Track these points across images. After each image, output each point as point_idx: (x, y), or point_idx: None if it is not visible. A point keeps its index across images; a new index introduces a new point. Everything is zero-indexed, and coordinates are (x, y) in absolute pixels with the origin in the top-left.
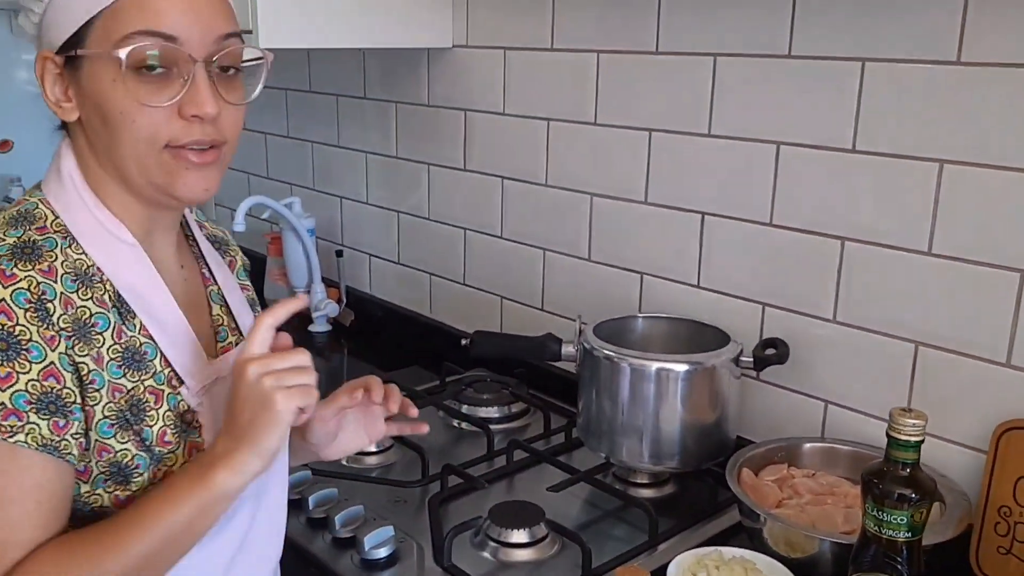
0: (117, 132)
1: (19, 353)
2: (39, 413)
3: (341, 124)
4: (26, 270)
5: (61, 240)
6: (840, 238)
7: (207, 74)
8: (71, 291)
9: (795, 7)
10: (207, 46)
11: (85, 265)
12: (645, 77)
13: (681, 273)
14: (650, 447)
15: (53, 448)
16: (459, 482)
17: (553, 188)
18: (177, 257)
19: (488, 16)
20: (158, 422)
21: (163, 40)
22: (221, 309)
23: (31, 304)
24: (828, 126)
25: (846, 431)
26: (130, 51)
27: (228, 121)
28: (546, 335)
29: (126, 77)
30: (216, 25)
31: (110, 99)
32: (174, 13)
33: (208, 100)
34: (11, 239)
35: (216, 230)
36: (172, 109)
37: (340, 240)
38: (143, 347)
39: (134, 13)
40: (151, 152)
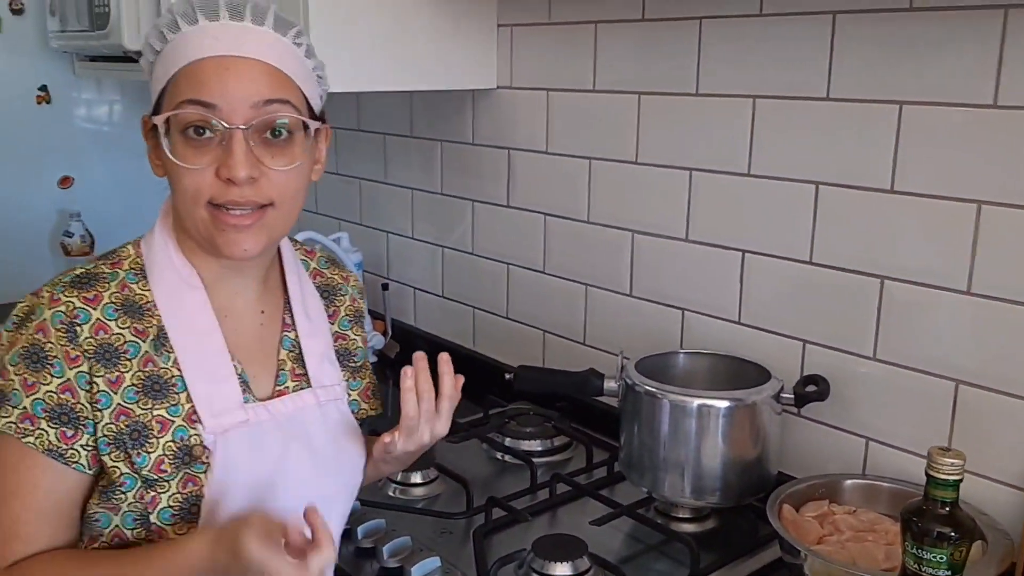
0: (174, 190)
1: (44, 366)
2: (50, 422)
3: (388, 161)
4: (70, 296)
5: (128, 275)
6: (880, 276)
7: (244, 140)
8: (109, 319)
9: (832, 50)
10: (244, 113)
11: (143, 300)
12: (685, 118)
13: (722, 309)
14: (692, 482)
15: (58, 455)
16: (503, 514)
17: (595, 225)
18: (259, 302)
19: (531, 59)
20: (157, 450)
21: (203, 108)
22: (289, 355)
23: (63, 326)
24: (866, 167)
25: (887, 468)
26: (169, 116)
27: (272, 184)
28: (588, 370)
29: (175, 141)
30: (256, 92)
31: (167, 160)
32: (212, 83)
33: (240, 164)
34: (81, 269)
35: (336, 277)
36: (211, 170)
37: (386, 274)
38: (172, 379)
39: (184, 85)
40: (196, 209)
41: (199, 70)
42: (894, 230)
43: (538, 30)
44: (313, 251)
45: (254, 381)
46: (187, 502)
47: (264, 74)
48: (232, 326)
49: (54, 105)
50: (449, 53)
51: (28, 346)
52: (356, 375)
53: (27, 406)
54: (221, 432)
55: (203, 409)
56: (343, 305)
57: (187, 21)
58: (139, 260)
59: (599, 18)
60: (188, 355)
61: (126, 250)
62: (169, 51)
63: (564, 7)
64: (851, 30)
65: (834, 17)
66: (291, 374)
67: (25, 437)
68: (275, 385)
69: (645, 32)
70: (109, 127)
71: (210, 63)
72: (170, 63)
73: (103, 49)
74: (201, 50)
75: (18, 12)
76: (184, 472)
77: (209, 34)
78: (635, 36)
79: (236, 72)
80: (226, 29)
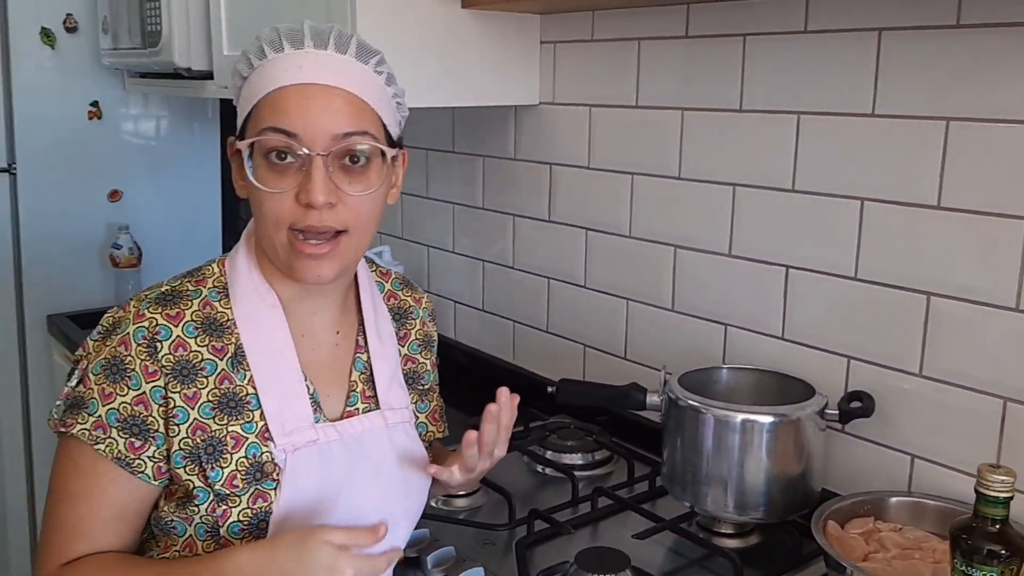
0: (256, 213)
1: (123, 378)
2: (121, 432)
3: (430, 176)
4: (154, 312)
5: (212, 293)
6: (926, 293)
7: (323, 166)
8: (189, 336)
9: (878, 67)
10: (324, 142)
11: (224, 317)
12: (729, 133)
13: (765, 325)
14: (735, 497)
15: (126, 463)
16: (545, 527)
17: (637, 239)
18: (335, 323)
19: (574, 75)
20: (230, 466)
21: (285, 136)
22: (360, 376)
23: (145, 341)
24: (913, 183)
25: (933, 486)
26: (255, 141)
27: (347, 210)
28: (631, 384)
29: (258, 166)
30: (336, 124)
31: (250, 183)
32: (294, 112)
33: (318, 190)
34: (167, 287)
35: (409, 299)
36: (291, 195)
37: (427, 287)
38: (247, 397)
39: (267, 112)
40: (277, 232)
41: (282, 98)
42: (941, 246)
43: (581, 47)
44: (389, 272)
45: (326, 401)
46: (256, 518)
47: (345, 104)
48: (308, 345)
49: (105, 120)
50: (493, 70)
51: (110, 358)
52: (424, 398)
53: (102, 415)
54: (291, 450)
55: (275, 427)
56: (414, 328)
57: (273, 49)
58: (223, 279)
59: (642, 35)
60: (263, 373)
61: (211, 268)
62: (255, 78)
63: (607, 24)
64: (897, 46)
65: (880, 34)
66: (362, 396)
67: (96, 444)
68: (346, 406)
69: (689, 48)
70: (156, 142)
71: (293, 91)
72: (255, 90)
73: (153, 66)
74: (285, 78)
75: (72, 30)
76: (255, 488)
77: (293, 62)
78: (679, 53)
79: (318, 102)
80: (310, 57)
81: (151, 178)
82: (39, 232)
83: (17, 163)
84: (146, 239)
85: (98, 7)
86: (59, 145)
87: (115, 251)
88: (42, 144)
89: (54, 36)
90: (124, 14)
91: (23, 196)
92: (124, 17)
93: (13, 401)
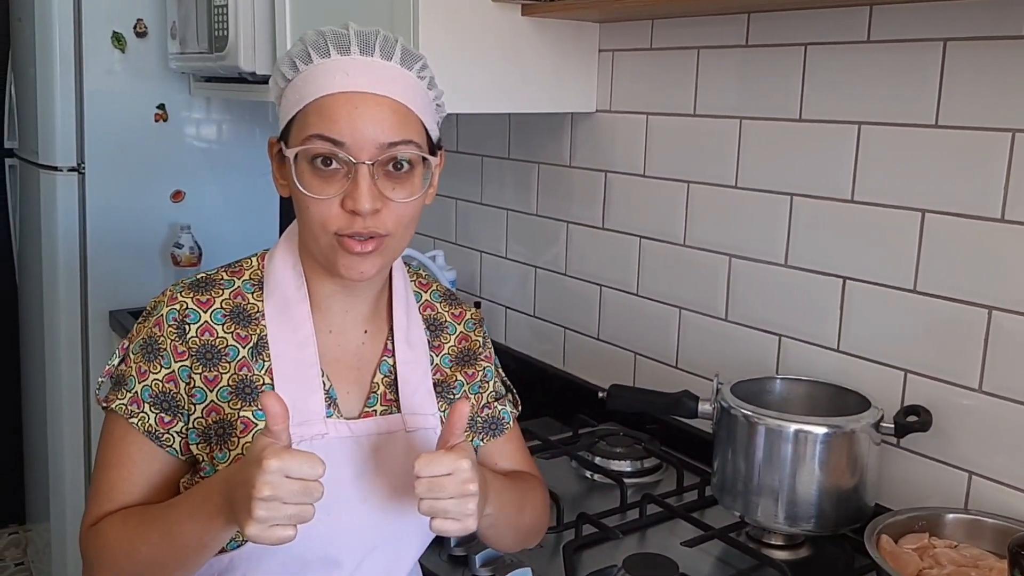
0: (300, 215)
1: (156, 357)
2: (153, 407)
3: (484, 182)
4: (186, 297)
5: (246, 285)
6: (987, 307)
7: (369, 174)
8: (217, 323)
9: (943, 77)
10: (370, 151)
11: (254, 309)
12: (787, 143)
13: (820, 336)
14: (786, 509)
15: (155, 436)
16: (593, 531)
17: (691, 248)
18: (365, 322)
19: (631, 84)
20: (236, 449)
21: (332, 144)
22: (384, 380)
23: (175, 323)
24: (976, 195)
25: (991, 504)
26: (301, 150)
27: (390, 215)
28: (683, 392)
29: (303, 172)
30: (382, 133)
31: (296, 188)
32: (342, 121)
33: (364, 197)
34: (203, 275)
35: (446, 314)
36: (337, 201)
37: (479, 292)
38: (262, 386)
39: (314, 119)
40: (322, 236)
41: (329, 106)
42: (1004, 260)
43: (639, 55)
44: (429, 283)
45: (344, 398)
46: None
47: (392, 113)
48: (334, 342)
49: (170, 123)
50: (551, 77)
51: (147, 338)
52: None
53: (137, 391)
54: (298, 441)
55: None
56: (447, 343)
57: (319, 54)
58: (259, 272)
59: (701, 44)
60: (282, 364)
61: (249, 262)
62: (300, 82)
63: (666, 33)
64: (962, 57)
65: (944, 45)
66: (382, 398)
67: (131, 418)
68: (364, 406)
69: (748, 57)
70: (218, 145)
71: (340, 99)
72: (301, 94)
73: (219, 70)
74: (332, 85)
75: (142, 35)
76: None
77: (340, 69)
78: (738, 61)
79: (365, 111)
80: (357, 64)
81: (213, 179)
82: (104, 230)
83: (86, 163)
84: (206, 239)
85: (168, 13)
86: (126, 146)
87: (176, 250)
88: (110, 145)
89: (125, 40)
90: (193, 20)
91: (90, 195)
92: (193, 23)
93: (75, 390)
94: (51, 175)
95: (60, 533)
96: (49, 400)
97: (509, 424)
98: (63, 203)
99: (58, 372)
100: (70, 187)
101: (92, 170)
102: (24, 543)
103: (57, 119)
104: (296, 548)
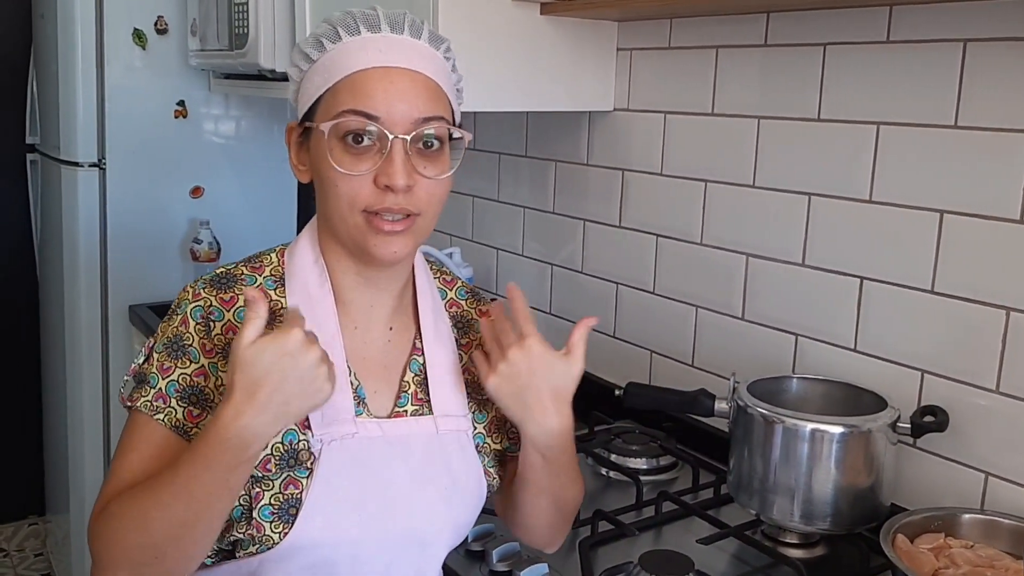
0: (327, 194)
1: (183, 354)
2: (180, 401)
3: (501, 180)
4: (210, 294)
5: (268, 282)
6: (1005, 308)
7: (403, 149)
8: (239, 320)
9: (962, 79)
10: (405, 125)
11: (276, 306)
12: (806, 143)
13: (837, 336)
14: (802, 507)
15: (182, 430)
16: (609, 528)
17: (708, 247)
18: (390, 319)
19: (649, 82)
20: (265, 450)
21: (366, 119)
22: (415, 379)
23: (202, 319)
24: (994, 196)
25: (1007, 504)
26: (334, 124)
27: (423, 193)
28: (699, 390)
29: (333, 148)
30: (416, 108)
31: (322, 166)
32: (378, 95)
33: (399, 172)
34: (223, 269)
35: (473, 311)
36: (369, 178)
37: (495, 289)
38: None
39: (346, 95)
40: (351, 215)
41: (363, 81)
42: (1022, 261)
43: (657, 54)
44: (454, 281)
45: (372, 397)
46: (287, 503)
47: (425, 88)
48: (360, 339)
49: (189, 119)
50: (569, 76)
51: (172, 336)
52: (483, 408)
53: (162, 387)
54: (328, 441)
55: (314, 416)
56: (476, 341)
57: (348, 32)
58: (280, 268)
59: (720, 43)
60: None
61: (269, 257)
62: (327, 61)
63: (685, 32)
64: (982, 58)
65: (964, 45)
66: (413, 397)
67: (156, 414)
68: (395, 406)
69: (767, 57)
70: (236, 141)
71: (374, 74)
72: (331, 72)
73: (239, 67)
74: (365, 61)
75: (162, 32)
76: (287, 474)
77: (372, 46)
78: (757, 61)
79: (399, 85)
80: (388, 41)
81: (232, 176)
82: (124, 225)
83: (107, 159)
84: (225, 234)
85: (188, 10)
86: (146, 142)
87: (196, 245)
88: (130, 141)
89: (145, 37)
90: (213, 17)
91: (111, 191)
92: (213, 20)
93: (95, 384)
94: (72, 171)
95: (79, 524)
96: (69, 393)
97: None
98: (84, 199)
99: (78, 366)
100: (91, 183)
101: (113, 166)
102: (44, 534)
103: (79, 115)
104: (324, 550)
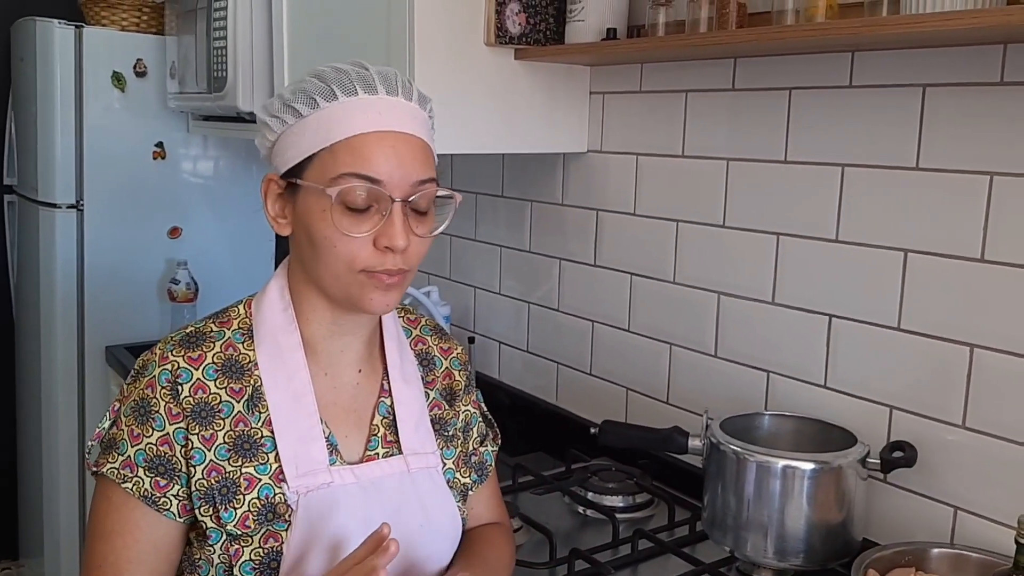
0: (321, 253)
1: (149, 419)
2: (147, 471)
3: (478, 220)
4: (178, 355)
5: (235, 335)
6: (969, 344)
7: (402, 212)
8: (209, 379)
9: (922, 122)
10: (404, 189)
11: (246, 359)
12: (774, 184)
13: (808, 373)
14: (775, 543)
15: (152, 501)
16: (586, 567)
17: (681, 285)
18: (359, 361)
19: (621, 125)
20: (242, 507)
21: (369, 183)
22: (383, 421)
23: (168, 384)
24: (956, 236)
25: (975, 538)
26: (341, 189)
27: (414, 251)
28: (673, 428)
29: (334, 210)
30: (415, 172)
31: (319, 226)
32: (380, 160)
33: (399, 234)
34: (191, 328)
35: (435, 348)
36: (369, 239)
37: (472, 327)
38: (262, 439)
39: (347, 157)
40: (348, 274)
41: (363, 144)
42: (985, 298)
43: (629, 97)
44: (418, 319)
45: (344, 443)
46: (268, 557)
47: (420, 151)
48: (330, 384)
49: (168, 161)
50: (544, 119)
51: (138, 400)
52: (449, 444)
53: (130, 455)
54: (304, 492)
55: (289, 468)
56: (438, 377)
57: (345, 92)
58: (248, 320)
59: (690, 87)
60: (280, 414)
61: (236, 310)
62: (323, 119)
63: (655, 76)
64: (942, 102)
65: (924, 90)
66: (383, 440)
67: (124, 483)
68: (366, 450)
69: (735, 101)
70: (214, 182)
71: (373, 137)
72: (328, 132)
73: (217, 109)
74: (364, 124)
75: (141, 75)
76: (267, 528)
77: (371, 109)
78: (725, 105)
79: (399, 149)
80: (386, 104)
81: (210, 216)
82: (102, 266)
83: (85, 200)
84: (203, 274)
85: (167, 53)
86: (124, 183)
87: (173, 286)
88: (108, 182)
89: (125, 80)
90: (192, 60)
91: (89, 232)
92: (192, 63)
93: (71, 425)
94: (50, 212)
95: (54, 569)
96: (44, 434)
97: (491, 466)
98: (62, 239)
99: (54, 407)
100: (69, 224)
101: (91, 207)
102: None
103: (57, 157)
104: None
